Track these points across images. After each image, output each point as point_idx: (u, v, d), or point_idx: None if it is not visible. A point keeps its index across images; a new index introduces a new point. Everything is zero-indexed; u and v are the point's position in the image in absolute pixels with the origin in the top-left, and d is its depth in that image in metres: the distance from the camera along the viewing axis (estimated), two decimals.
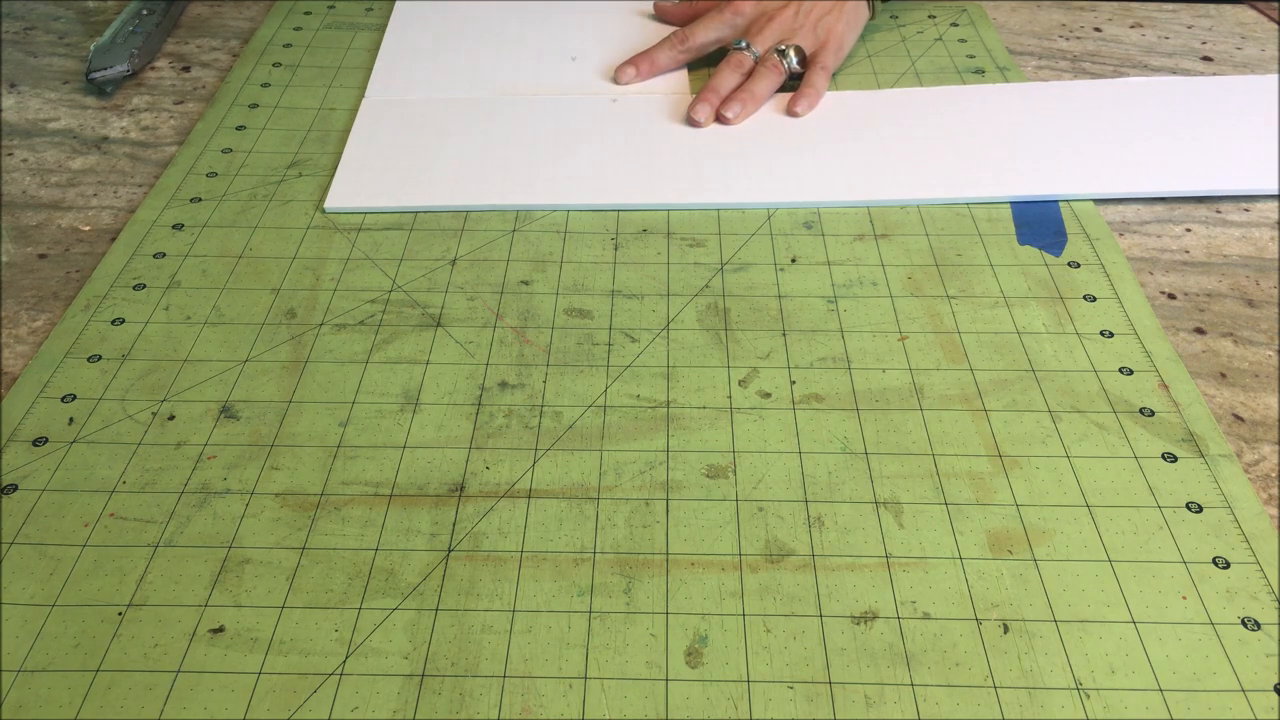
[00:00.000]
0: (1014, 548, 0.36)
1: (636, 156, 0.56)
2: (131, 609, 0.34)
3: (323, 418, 0.41)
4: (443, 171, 0.54)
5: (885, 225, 0.51)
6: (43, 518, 0.37)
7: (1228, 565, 0.36)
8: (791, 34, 0.61)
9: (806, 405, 0.42)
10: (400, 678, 0.33)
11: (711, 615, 0.34)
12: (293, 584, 0.35)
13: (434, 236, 0.51)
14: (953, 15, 0.69)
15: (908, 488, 0.38)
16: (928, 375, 0.43)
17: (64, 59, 0.66)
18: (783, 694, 0.32)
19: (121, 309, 0.46)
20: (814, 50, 0.61)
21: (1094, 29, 0.69)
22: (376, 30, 0.68)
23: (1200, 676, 0.33)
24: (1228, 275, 0.49)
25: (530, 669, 0.33)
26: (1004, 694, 0.32)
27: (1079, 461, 0.39)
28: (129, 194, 0.54)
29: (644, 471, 0.39)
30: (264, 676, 0.33)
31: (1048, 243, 0.50)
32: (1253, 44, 0.67)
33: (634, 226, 0.51)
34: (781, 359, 0.44)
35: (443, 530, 0.37)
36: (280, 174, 0.55)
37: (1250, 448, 0.40)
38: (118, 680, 0.32)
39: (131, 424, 0.41)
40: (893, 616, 0.34)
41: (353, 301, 0.47)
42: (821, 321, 0.46)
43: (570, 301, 0.47)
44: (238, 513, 0.37)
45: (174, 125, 0.60)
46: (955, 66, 0.64)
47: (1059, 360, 0.44)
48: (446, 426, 0.41)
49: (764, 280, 0.48)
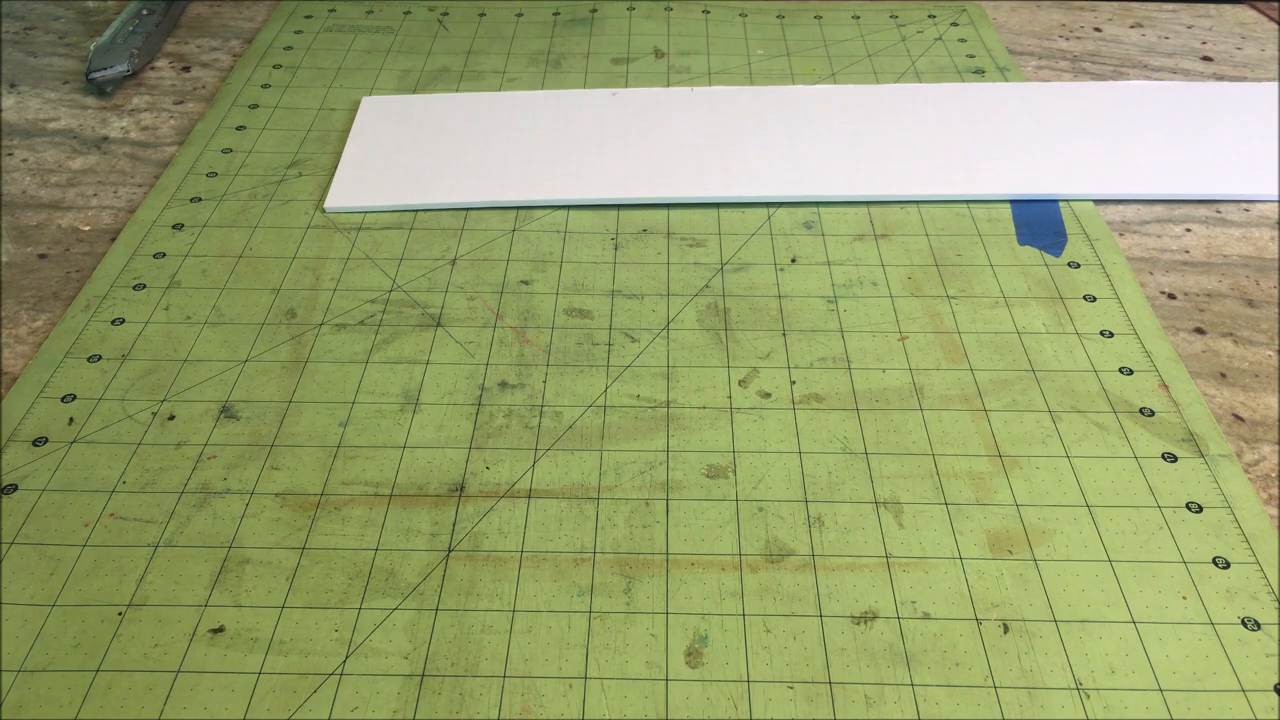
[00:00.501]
0: (1014, 548, 0.36)
1: (636, 151, 0.56)
2: (131, 609, 0.34)
3: (323, 418, 0.41)
4: (443, 169, 0.54)
5: (885, 225, 0.51)
6: (43, 518, 0.37)
7: (1228, 565, 0.36)
8: None
9: (806, 405, 0.42)
10: (400, 678, 0.33)
11: (711, 615, 0.34)
12: (293, 584, 0.35)
13: (434, 236, 0.51)
14: (953, 15, 0.70)
15: (908, 488, 0.38)
16: (928, 375, 0.43)
17: (64, 59, 0.66)
18: (783, 694, 0.32)
19: (121, 309, 0.46)
20: None
21: (1094, 29, 0.69)
22: (377, 33, 0.68)
23: (1200, 676, 0.33)
24: (1228, 275, 0.49)
25: (530, 669, 0.33)
26: (1004, 694, 0.32)
27: (1079, 461, 0.39)
28: (129, 194, 0.54)
29: (644, 471, 0.39)
30: (264, 676, 0.33)
31: (1048, 243, 0.50)
32: (1253, 44, 0.67)
33: (634, 226, 0.51)
34: (781, 359, 0.44)
35: (443, 530, 0.37)
36: (280, 174, 0.55)
37: (1250, 448, 0.40)
38: (118, 680, 0.32)
39: (131, 424, 0.41)
40: (893, 616, 0.34)
41: (353, 301, 0.47)
42: (821, 321, 0.46)
43: (570, 301, 0.47)
44: (238, 513, 0.37)
45: (174, 125, 0.60)
46: (955, 66, 0.64)
47: (1059, 360, 0.44)
48: (446, 426, 0.41)
49: (764, 280, 0.48)
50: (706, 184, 0.53)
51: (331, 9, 0.72)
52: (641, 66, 0.65)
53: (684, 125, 0.58)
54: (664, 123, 0.58)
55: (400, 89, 0.62)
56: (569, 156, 0.56)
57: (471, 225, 0.51)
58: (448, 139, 0.57)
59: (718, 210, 0.52)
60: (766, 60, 0.66)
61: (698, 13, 0.71)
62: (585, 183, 0.54)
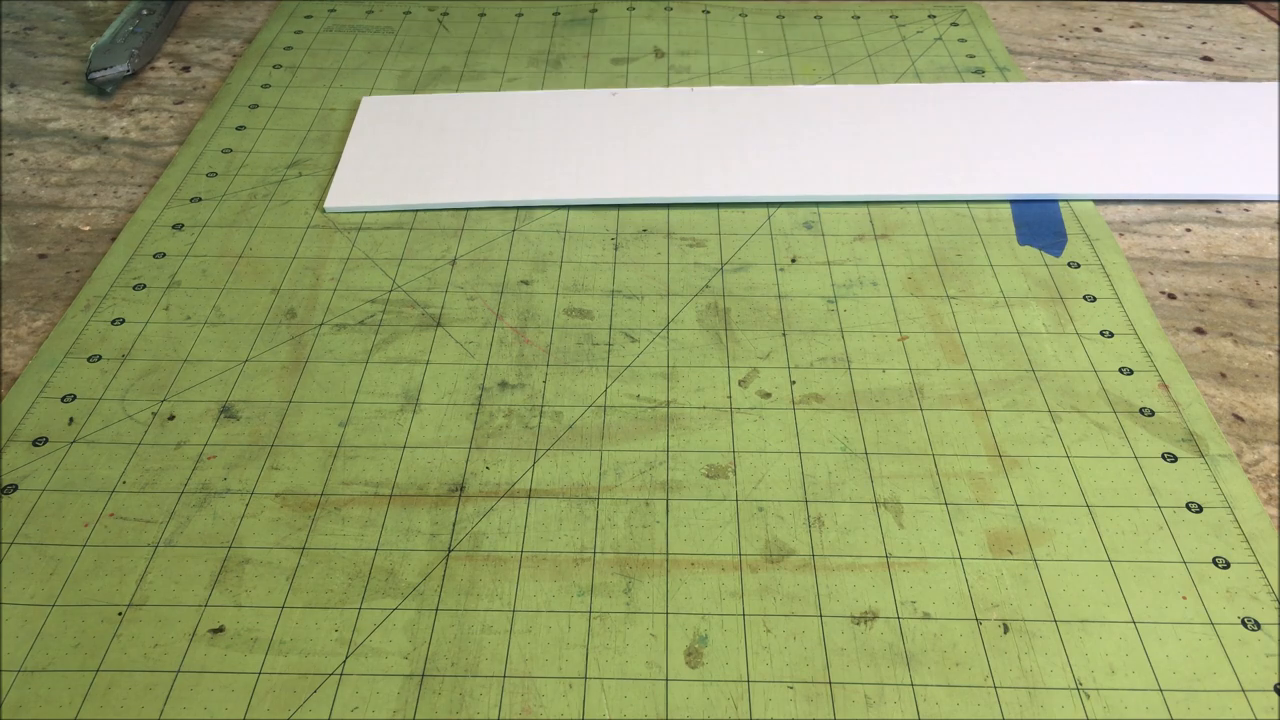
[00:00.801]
0: (1014, 548, 0.36)
1: (636, 150, 0.56)
2: (131, 609, 0.34)
3: (323, 418, 0.41)
4: (443, 169, 0.54)
5: (885, 225, 0.51)
6: (43, 518, 0.37)
7: (1228, 565, 0.36)
8: None
9: (806, 405, 0.42)
10: (400, 678, 0.33)
11: (711, 615, 0.34)
12: (293, 584, 0.35)
13: (434, 236, 0.51)
14: (953, 15, 0.70)
15: (908, 488, 0.38)
16: (928, 375, 0.43)
17: (64, 59, 0.66)
18: (783, 694, 0.32)
19: (121, 309, 0.46)
20: None
21: (1094, 29, 0.69)
22: (377, 33, 0.68)
23: (1200, 676, 0.33)
24: (1228, 275, 0.49)
25: (530, 669, 0.33)
26: (1004, 694, 0.32)
27: (1079, 461, 0.39)
28: (129, 194, 0.54)
29: (644, 471, 0.39)
30: (264, 676, 0.33)
31: (1048, 243, 0.50)
32: (1253, 44, 0.67)
33: (634, 226, 0.51)
34: (781, 359, 0.44)
35: (443, 530, 0.37)
36: (280, 174, 0.55)
37: (1250, 448, 0.40)
38: (118, 680, 0.32)
39: (131, 424, 0.41)
40: (893, 616, 0.34)
41: (353, 301, 0.47)
42: (821, 321, 0.46)
43: (570, 301, 0.47)
44: (238, 513, 0.37)
45: (174, 125, 0.60)
46: (955, 66, 0.64)
47: (1059, 360, 0.44)
48: (446, 426, 0.41)
49: (764, 280, 0.48)
50: (706, 184, 0.53)
51: (331, 9, 0.72)
52: (641, 66, 0.65)
53: (684, 125, 0.58)
54: (664, 123, 0.58)
55: (400, 89, 0.62)
56: (569, 156, 0.56)
57: (471, 225, 0.51)
58: (448, 139, 0.57)
59: (718, 210, 0.52)
60: (766, 60, 0.66)
61: (698, 13, 0.71)
62: (585, 183, 0.54)
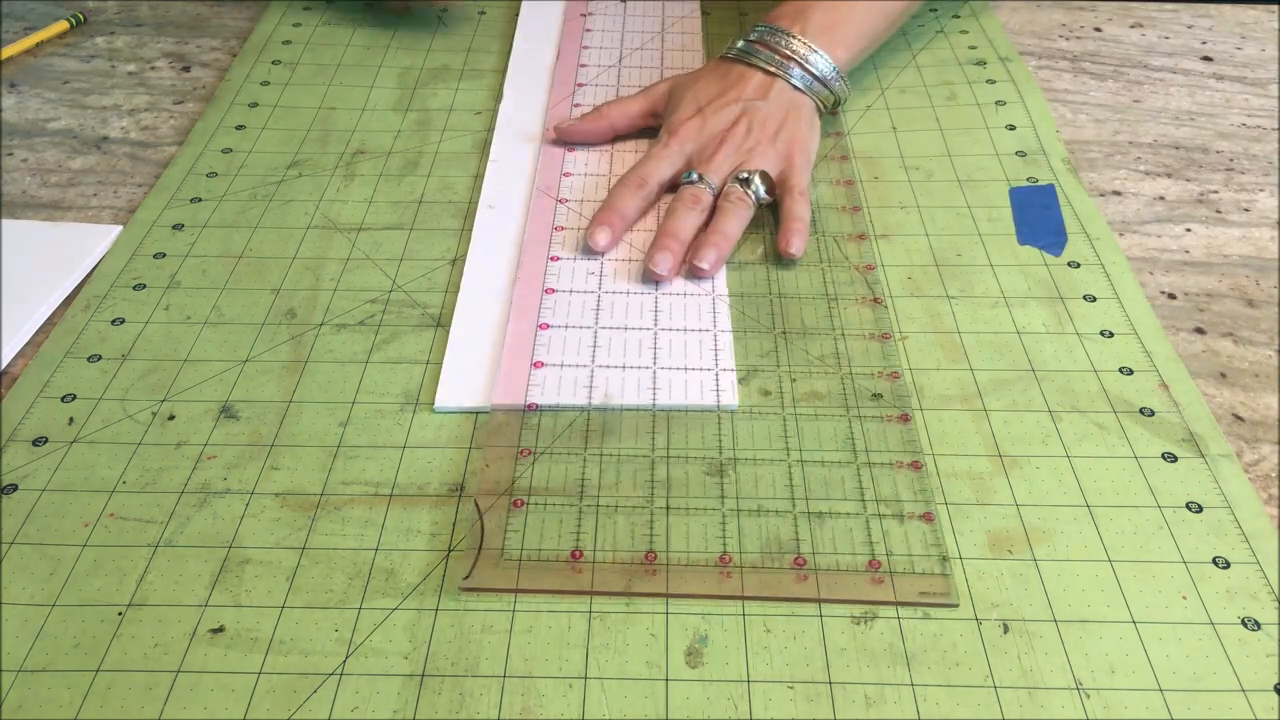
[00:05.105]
0: (1014, 548, 0.36)
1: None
2: (131, 609, 0.34)
3: (323, 418, 0.41)
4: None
5: (885, 225, 0.51)
6: (43, 518, 0.37)
7: (1228, 565, 0.36)
8: (749, 156, 0.51)
9: (806, 405, 0.42)
10: (400, 678, 0.33)
11: (711, 615, 0.34)
12: (293, 584, 0.35)
13: (434, 236, 0.51)
14: (954, 7, 0.69)
15: (908, 487, 0.38)
16: (928, 375, 0.43)
17: (64, 59, 0.66)
18: (783, 694, 0.32)
19: (121, 309, 0.46)
20: (781, 171, 0.51)
21: (1094, 29, 0.69)
22: (375, 27, 0.68)
23: (1200, 676, 0.33)
24: (1228, 275, 0.49)
25: (530, 669, 0.33)
26: (1004, 694, 0.32)
27: (1079, 461, 0.39)
28: (129, 194, 0.54)
29: (644, 471, 0.39)
30: (264, 676, 0.33)
31: (1048, 243, 0.50)
32: (1253, 44, 0.67)
33: None
34: (782, 359, 0.44)
35: (443, 530, 0.37)
36: (280, 174, 0.55)
37: (1250, 448, 0.40)
38: (118, 680, 0.32)
39: (131, 424, 0.41)
40: (893, 616, 0.34)
41: (353, 301, 0.47)
42: (821, 322, 0.45)
43: None
44: (238, 513, 0.37)
45: (174, 125, 0.60)
46: (957, 59, 0.64)
47: (1059, 360, 0.44)
48: (446, 426, 0.41)
49: (764, 280, 0.48)
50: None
51: (330, 0, 0.71)
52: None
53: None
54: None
55: (400, 88, 0.62)
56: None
57: (471, 225, 0.51)
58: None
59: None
60: None
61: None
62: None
